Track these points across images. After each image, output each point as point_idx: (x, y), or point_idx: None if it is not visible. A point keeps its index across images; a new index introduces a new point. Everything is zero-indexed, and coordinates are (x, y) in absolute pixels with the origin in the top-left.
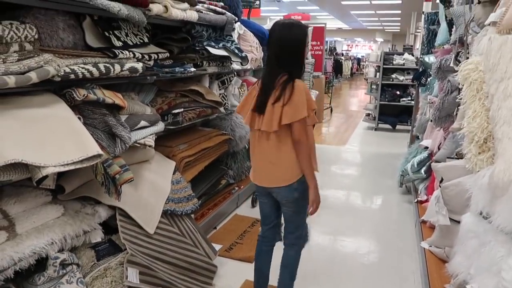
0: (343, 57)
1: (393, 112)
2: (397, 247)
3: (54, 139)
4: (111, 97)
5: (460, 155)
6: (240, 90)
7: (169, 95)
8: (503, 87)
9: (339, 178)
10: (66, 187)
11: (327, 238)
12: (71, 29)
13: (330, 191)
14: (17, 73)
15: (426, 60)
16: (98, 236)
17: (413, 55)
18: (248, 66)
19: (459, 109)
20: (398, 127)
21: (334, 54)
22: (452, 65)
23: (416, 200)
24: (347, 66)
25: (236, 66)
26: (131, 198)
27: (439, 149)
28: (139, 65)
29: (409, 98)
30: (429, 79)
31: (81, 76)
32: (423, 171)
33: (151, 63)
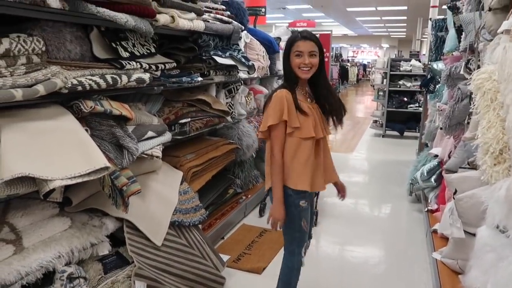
0: (349, 64)
1: (400, 119)
2: (408, 258)
3: (61, 151)
4: (118, 108)
5: (472, 165)
6: (247, 98)
7: (176, 104)
8: None
9: (348, 186)
10: (73, 199)
11: (337, 248)
12: (79, 41)
13: (338, 199)
14: (25, 86)
15: (435, 67)
16: (105, 249)
17: (420, 61)
18: (254, 75)
19: (470, 117)
20: (406, 133)
21: (340, 60)
22: (462, 72)
23: (426, 209)
24: (353, 73)
25: (243, 74)
26: (138, 210)
27: (449, 157)
28: (146, 76)
29: (416, 105)
30: (437, 86)
31: (88, 87)
32: (433, 179)
33: (158, 73)
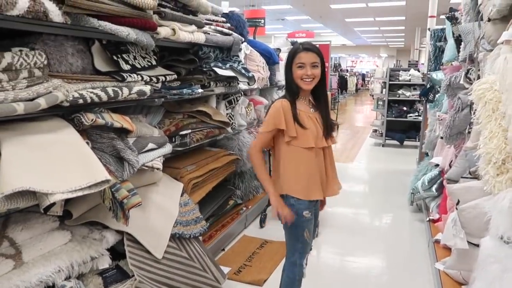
0: (347, 73)
1: (400, 128)
2: (410, 268)
3: (62, 165)
4: (119, 120)
5: (474, 174)
6: (247, 109)
7: (177, 116)
8: None
9: (348, 196)
10: (74, 212)
11: (338, 258)
12: (80, 54)
13: (339, 209)
14: (26, 99)
15: (434, 76)
16: (105, 262)
17: (418, 70)
18: (255, 86)
19: (471, 127)
20: (406, 143)
21: (339, 70)
22: (462, 82)
23: (428, 219)
24: (352, 82)
25: (243, 86)
26: (139, 222)
27: (450, 166)
28: (147, 88)
29: (416, 114)
30: (437, 95)
31: (89, 100)
32: (434, 189)
33: (159, 85)
